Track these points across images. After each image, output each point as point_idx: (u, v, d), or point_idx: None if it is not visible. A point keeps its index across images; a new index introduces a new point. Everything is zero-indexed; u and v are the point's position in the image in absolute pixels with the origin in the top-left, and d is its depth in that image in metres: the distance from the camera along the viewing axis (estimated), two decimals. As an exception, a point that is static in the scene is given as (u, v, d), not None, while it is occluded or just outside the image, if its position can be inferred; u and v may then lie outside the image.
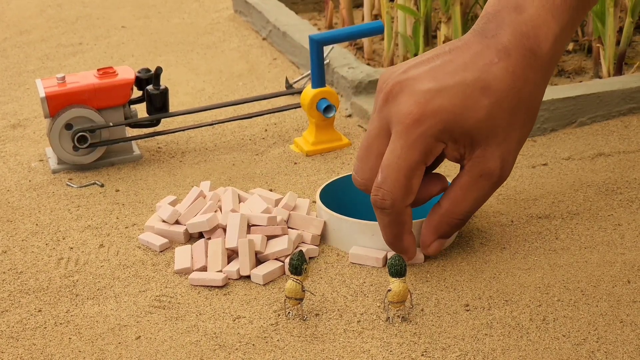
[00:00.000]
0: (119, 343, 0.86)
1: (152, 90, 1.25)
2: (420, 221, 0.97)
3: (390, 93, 0.82)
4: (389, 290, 0.86)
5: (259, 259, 0.96)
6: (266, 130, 1.34)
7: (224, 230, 1.00)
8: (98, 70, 1.24)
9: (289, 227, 1.01)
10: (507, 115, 0.80)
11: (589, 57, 1.55)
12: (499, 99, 0.79)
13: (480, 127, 0.80)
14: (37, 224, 1.10)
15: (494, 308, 0.88)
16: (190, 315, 0.90)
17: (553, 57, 0.83)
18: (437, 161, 0.91)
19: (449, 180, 0.96)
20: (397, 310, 0.87)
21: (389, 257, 0.94)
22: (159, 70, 1.25)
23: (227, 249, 0.96)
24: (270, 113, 1.33)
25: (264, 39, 1.78)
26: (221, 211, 1.02)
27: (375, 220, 0.98)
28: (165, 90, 1.26)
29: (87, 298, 0.94)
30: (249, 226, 0.99)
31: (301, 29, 1.65)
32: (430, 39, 1.61)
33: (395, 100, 0.81)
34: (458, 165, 0.89)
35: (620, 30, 1.48)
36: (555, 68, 0.84)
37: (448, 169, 1.15)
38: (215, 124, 1.31)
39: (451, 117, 0.79)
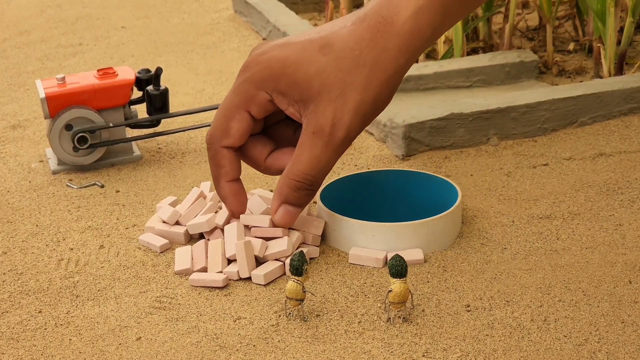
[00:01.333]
0: (120, 344, 0.86)
1: (152, 91, 1.25)
2: (420, 222, 0.97)
3: (251, 52, 0.83)
4: (390, 291, 0.85)
5: (258, 261, 0.96)
6: (266, 130, 1.34)
7: (223, 231, 1.00)
8: (98, 70, 1.24)
9: (289, 228, 1.01)
10: (342, 74, 0.79)
11: (590, 57, 1.55)
12: (337, 58, 0.79)
13: (310, 81, 0.79)
14: (37, 225, 1.09)
15: (495, 308, 0.88)
16: (191, 316, 0.89)
17: (415, 30, 0.80)
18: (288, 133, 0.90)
19: None
20: (397, 311, 0.86)
21: (389, 257, 0.94)
22: (159, 71, 1.25)
23: (227, 258, 0.96)
24: (270, 113, 1.33)
25: (264, 39, 1.78)
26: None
27: (376, 221, 0.98)
28: (165, 91, 1.26)
29: (88, 299, 0.94)
30: (249, 228, 0.99)
31: (301, 29, 1.65)
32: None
33: (249, 55, 0.83)
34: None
35: (621, 30, 1.48)
36: (425, 47, 0.81)
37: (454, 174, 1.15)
38: (215, 124, 1.30)
39: (278, 65, 0.79)
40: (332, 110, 0.79)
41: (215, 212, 1.02)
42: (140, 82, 1.26)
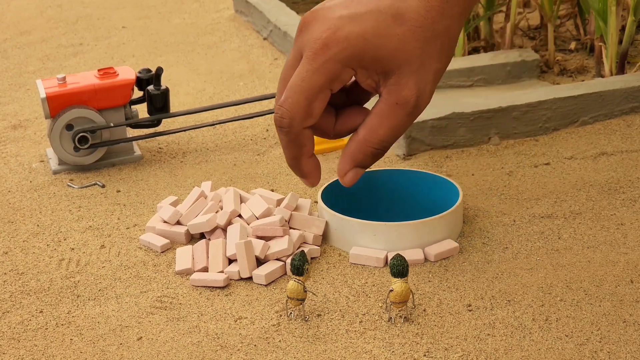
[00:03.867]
0: (121, 344, 0.86)
1: (152, 91, 1.25)
2: (421, 221, 0.97)
3: (304, 23, 0.83)
4: (391, 291, 0.85)
5: (259, 261, 0.96)
6: (267, 130, 1.34)
7: (224, 230, 1.00)
8: (98, 70, 1.24)
9: (290, 228, 1.01)
10: (421, 45, 0.79)
11: (591, 56, 1.55)
12: (412, 28, 0.79)
13: (392, 55, 0.80)
14: (38, 225, 1.09)
15: (496, 308, 0.88)
16: (192, 316, 0.89)
17: None
18: (361, 95, 0.90)
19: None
20: (399, 311, 0.86)
21: (390, 257, 0.94)
22: (159, 71, 1.25)
23: (228, 257, 0.96)
24: (271, 113, 1.33)
25: (264, 39, 1.77)
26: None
27: (377, 221, 0.97)
28: (166, 91, 1.26)
29: (89, 299, 0.93)
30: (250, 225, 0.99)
31: (302, 28, 1.64)
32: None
33: (308, 29, 0.82)
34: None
35: (623, 29, 1.48)
36: (471, 11, 0.84)
37: (460, 174, 1.14)
38: (216, 124, 1.30)
39: (360, 42, 0.79)
40: (415, 82, 0.81)
41: (216, 212, 1.02)
42: (140, 82, 1.26)
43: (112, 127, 1.22)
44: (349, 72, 0.80)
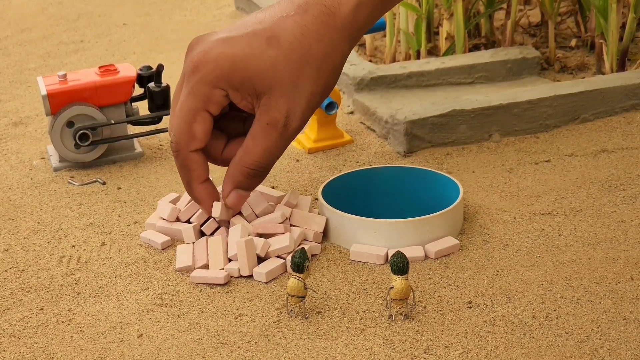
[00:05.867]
0: (121, 341, 0.86)
1: (153, 88, 1.25)
2: (421, 218, 0.97)
3: (189, 46, 0.84)
4: (391, 288, 0.85)
5: (260, 259, 0.96)
6: (268, 127, 1.34)
7: (227, 228, 1.00)
8: (99, 67, 1.24)
9: (290, 225, 1.01)
10: (293, 69, 0.80)
11: (592, 53, 1.55)
12: (286, 51, 0.80)
13: (262, 76, 0.80)
14: (38, 222, 1.09)
15: (496, 305, 0.88)
16: (192, 313, 0.89)
17: (356, 21, 0.82)
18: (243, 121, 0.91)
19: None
20: (399, 308, 0.86)
21: (390, 254, 0.94)
22: (160, 68, 1.25)
23: (229, 258, 0.96)
24: (272, 110, 1.33)
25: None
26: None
27: (378, 218, 0.97)
28: (167, 88, 1.26)
29: (89, 296, 0.94)
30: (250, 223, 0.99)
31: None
32: (432, 36, 1.61)
33: (189, 52, 0.83)
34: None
35: (623, 26, 1.48)
36: (361, 36, 0.84)
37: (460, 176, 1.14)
38: (217, 121, 1.30)
39: (228, 63, 0.80)
40: (285, 103, 0.81)
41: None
42: (141, 79, 1.26)
43: (113, 124, 1.22)
44: (220, 93, 0.80)
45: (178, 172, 0.86)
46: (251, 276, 0.95)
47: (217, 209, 0.83)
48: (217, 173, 1.20)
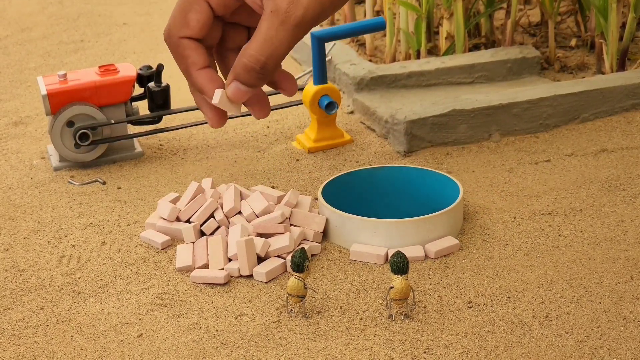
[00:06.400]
0: (121, 341, 0.86)
1: (153, 88, 1.25)
2: (421, 218, 0.97)
3: None
4: (391, 288, 0.85)
5: (260, 258, 0.96)
6: (268, 127, 1.34)
7: (226, 228, 1.00)
8: (99, 67, 1.24)
9: (291, 225, 1.01)
10: None
11: (592, 53, 1.55)
12: None
13: None
14: (39, 222, 1.09)
15: (496, 305, 0.88)
16: (192, 313, 0.89)
17: None
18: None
19: None
20: (399, 308, 0.86)
21: (390, 254, 0.94)
22: (160, 68, 1.25)
23: (229, 258, 0.96)
24: (272, 110, 1.33)
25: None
26: (222, 208, 1.02)
27: (377, 218, 0.97)
28: (167, 88, 1.26)
29: (89, 296, 0.94)
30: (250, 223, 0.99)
31: (303, 25, 1.64)
32: (432, 35, 1.61)
33: None
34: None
35: (623, 26, 1.48)
36: None
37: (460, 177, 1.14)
38: (217, 121, 1.30)
39: None
40: None
41: (215, 209, 1.02)
42: (141, 79, 1.26)
43: (113, 123, 1.22)
44: None
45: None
46: (251, 276, 0.95)
47: (217, 95, 0.80)
48: (217, 173, 1.20)
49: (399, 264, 0.85)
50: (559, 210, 1.05)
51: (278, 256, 0.96)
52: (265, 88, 1.37)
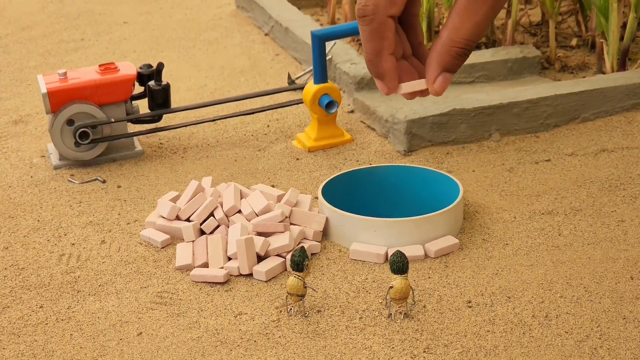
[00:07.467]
0: (121, 339, 0.86)
1: (153, 86, 1.25)
2: (421, 217, 0.97)
3: None
4: (391, 287, 0.85)
5: (260, 257, 0.96)
6: (268, 126, 1.34)
7: (226, 227, 1.00)
8: (100, 66, 1.24)
9: (290, 224, 1.01)
10: None
11: (593, 53, 1.55)
12: None
13: None
14: (38, 220, 1.09)
15: (496, 304, 0.88)
16: (192, 312, 0.89)
17: None
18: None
19: None
20: (399, 307, 0.86)
21: (390, 253, 0.94)
22: (160, 66, 1.24)
23: (229, 256, 0.96)
24: (272, 109, 1.33)
25: (266, 34, 1.77)
26: (222, 207, 1.02)
27: (377, 217, 0.97)
28: (167, 86, 1.26)
29: (89, 294, 0.94)
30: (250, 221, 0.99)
31: (303, 24, 1.64)
32: (432, 35, 1.61)
33: None
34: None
35: (624, 25, 1.47)
36: None
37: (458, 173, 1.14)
38: (217, 119, 1.30)
39: None
40: None
41: (215, 208, 1.02)
42: (142, 78, 1.26)
43: (113, 122, 1.22)
44: None
45: (365, 44, 0.80)
46: (251, 275, 0.95)
47: (407, 88, 0.77)
48: (217, 172, 1.20)
49: (399, 264, 0.85)
50: (559, 209, 1.05)
51: (278, 255, 0.96)
52: (266, 86, 1.37)
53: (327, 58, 1.42)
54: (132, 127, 1.33)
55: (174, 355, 0.83)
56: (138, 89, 1.29)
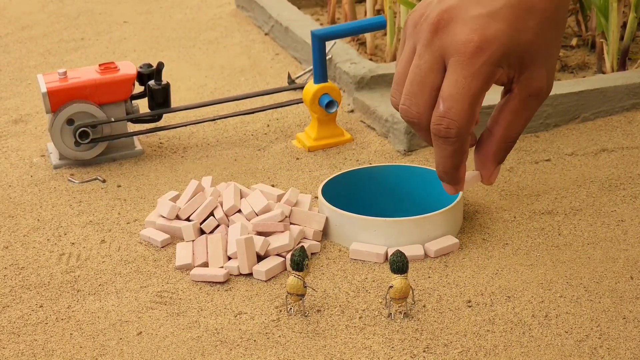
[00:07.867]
0: (120, 339, 0.86)
1: (153, 86, 1.25)
2: (421, 217, 0.96)
3: (439, 24, 0.81)
4: (391, 287, 0.85)
5: (260, 257, 0.96)
6: (268, 125, 1.34)
7: (226, 226, 1.00)
8: (100, 65, 1.24)
9: (290, 223, 1.01)
10: (549, 34, 0.81)
11: (593, 53, 1.55)
12: (542, 19, 0.81)
13: (529, 49, 0.81)
14: (38, 220, 1.09)
15: (496, 304, 0.88)
16: (192, 311, 0.89)
17: None
18: None
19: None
20: (398, 307, 0.86)
21: (389, 253, 0.94)
22: (160, 66, 1.24)
23: (228, 256, 0.96)
24: (272, 108, 1.33)
25: (266, 34, 1.77)
26: (222, 207, 1.02)
27: (377, 217, 0.97)
28: (167, 86, 1.26)
29: (89, 294, 0.94)
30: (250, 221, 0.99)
31: (303, 24, 1.64)
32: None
33: (448, 31, 0.81)
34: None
35: (624, 25, 1.47)
36: None
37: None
38: (217, 119, 1.30)
39: (508, 41, 0.80)
40: (544, 72, 0.82)
41: (215, 208, 1.02)
42: (141, 77, 1.26)
43: (113, 122, 1.22)
44: (500, 72, 0.80)
45: (445, 159, 0.82)
46: (251, 274, 0.95)
47: (467, 186, 0.80)
48: (216, 171, 1.20)
49: (399, 264, 0.85)
50: (559, 209, 1.05)
51: (278, 255, 0.96)
52: (266, 86, 1.37)
53: (327, 58, 1.42)
54: (132, 127, 1.33)
55: (173, 354, 0.83)
56: (138, 88, 1.29)
